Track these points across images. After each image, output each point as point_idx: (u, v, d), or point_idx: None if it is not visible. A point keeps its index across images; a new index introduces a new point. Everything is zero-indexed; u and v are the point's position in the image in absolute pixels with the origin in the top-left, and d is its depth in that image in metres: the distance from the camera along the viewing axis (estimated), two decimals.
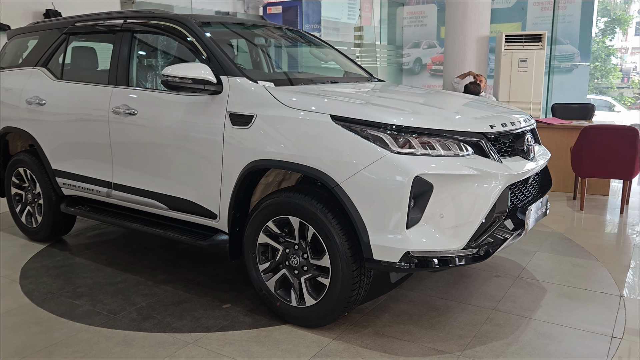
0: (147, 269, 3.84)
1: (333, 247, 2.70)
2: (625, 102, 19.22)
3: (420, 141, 2.59)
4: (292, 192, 2.85)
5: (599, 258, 4.04)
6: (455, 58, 8.04)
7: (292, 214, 2.84)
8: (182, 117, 3.24)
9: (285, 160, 2.79)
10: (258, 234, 3.00)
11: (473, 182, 2.61)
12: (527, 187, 3.09)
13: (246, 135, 2.94)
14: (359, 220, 2.59)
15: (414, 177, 2.49)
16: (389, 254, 2.56)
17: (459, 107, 3.21)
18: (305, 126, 2.75)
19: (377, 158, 2.55)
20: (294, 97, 2.90)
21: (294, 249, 2.91)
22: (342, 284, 2.72)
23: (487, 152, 2.69)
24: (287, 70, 4.19)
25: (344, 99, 2.91)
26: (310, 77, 3.59)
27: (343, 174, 2.61)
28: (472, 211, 2.61)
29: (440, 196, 2.56)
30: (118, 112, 3.56)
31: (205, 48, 3.24)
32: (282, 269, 2.98)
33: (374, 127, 2.60)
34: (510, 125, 2.89)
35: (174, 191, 3.36)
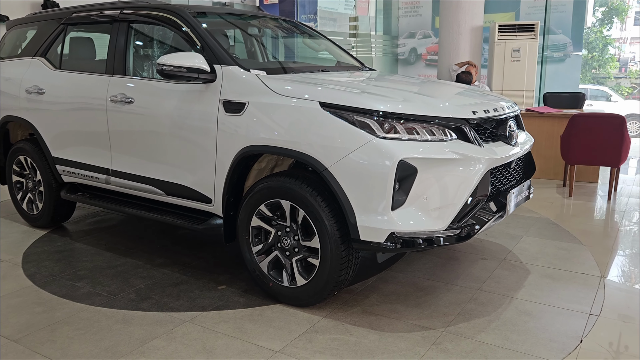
0: (145, 254, 3.97)
1: (322, 229, 2.82)
2: (622, 92, 19.31)
3: (405, 127, 2.71)
4: (283, 177, 2.97)
5: (583, 242, 4.17)
6: (450, 48, 8.13)
7: (283, 198, 2.96)
8: (177, 104, 3.34)
9: (277, 145, 2.90)
10: (251, 217, 3.12)
11: (456, 166, 2.72)
12: (510, 172, 3.21)
13: (239, 122, 3.05)
14: (347, 203, 2.71)
15: (398, 161, 2.60)
16: (375, 234, 2.68)
17: (445, 95, 3.32)
18: (296, 113, 2.86)
19: (363, 143, 2.66)
20: (285, 85, 3.00)
21: (286, 231, 3.03)
22: (331, 264, 2.84)
23: (469, 137, 2.81)
24: (281, 60, 4.30)
25: (333, 86, 3.02)
26: (302, 66, 3.70)
27: (331, 158, 2.72)
28: (455, 194, 2.73)
29: (424, 179, 2.68)
30: (116, 100, 3.66)
31: (200, 38, 3.34)
32: (274, 251, 3.10)
33: (361, 113, 2.71)
34: (492, 112, 3.00)
35: (170, 177, 3.47)
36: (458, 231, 2.77)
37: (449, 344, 2.65)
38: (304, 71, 3.57)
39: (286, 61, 4.27)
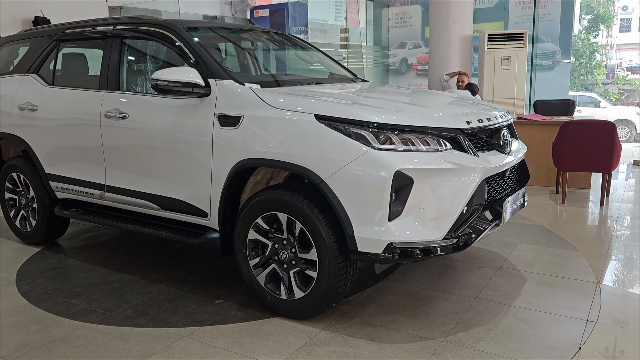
0: (140, 269, 3.94)
1: (319, 240, 2.82)
2: (611, 97, 19.53)
3: (400, 138, 2.72)
4: (279, 189, 2.97)
5: (578, 248, 4.19)
6: (440, 58, 8.20)
7: (280, 210, 2.96)
8: (172, 119, 3.35)
9: (273, 158, 2.91)
10: (248, 230, 3.11)
11: (451, 176, 2.74)
12: (505, 180, 3.24)
13: (234, 135, 3.05)
14: (344, 214, 2.72)
15: (394, 172, 2.62)
16: (373, 245, 2.69)
17: (439, 105, 3.35)
18: (291, 125, 2.88)
19: (359, 154, 2.67)
20: (279, 98, 3.02)
21: (283, 244, 3.03)
22: (329, 276, 2.84)
23: (464, 147, 2.83)
24: (274, 73, 4.32)
25: (328, 99, 3.04)
26: (296, 78, 3.72)
27: (327, 171, 2.73)
28: (451, 203, 2.74)
29: (420, 189, 2.69)
30: (109, 116, 3.66)
31: (193, 52, 3.35)
32: (271, 264, 3.10)
33: (356, 125, 2.73)
34: (486, 121, 3.03)
35: (165, 191, 3.46)
36: (455, 240, 2.78)
37: (448, 354, 2.65)
38: (297, 84, 3.59)
39: (279, 74, 4.30)
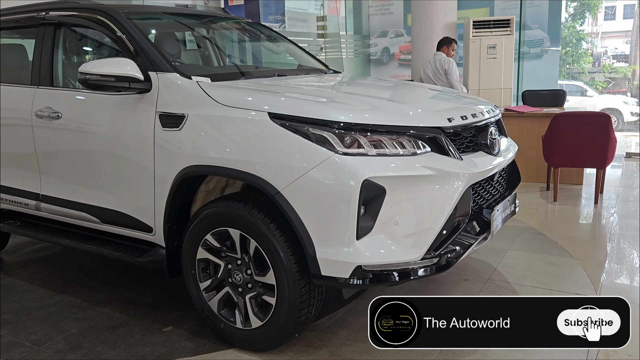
0: (84, 289, 3.48)
1: (277, 262, 2.39)
2: (597, 86, 19.28)
3: (369, 140, 2.29)
4: (230, 201, 2.53)
5: (573, 254, 3.80)
6: (423, 47, 7.77)
7: (231, 226, 2.52)
8: (109, 119, 2.88)
9: (220, 165, 2.47)
10: (197, 248, 2.67)
11: (431, 184, 2.32)
12: (493, 185, 2.82)
13: (177, 138, 2.60)
14: (304, 232, 2.29)
15: (362, 181, 2.19)
16: (339, 269, 2.26)
17: (417, 100, 2.92)
18: (241, 126, 2.43)
19: (320, 160, 2.24)
20: (229, 94, 2.57)
21: (237, 264, 2.60)
22: (290, 303, 2.41)
23: (445, 149, 2.41)
24: (237, 64, 3.86)
25: (285, 94, 2.60)
26: (256, 70, 3.26)
27: (283, 180, 2.30)
28: (431, 216, 2.32)
29: (394, 201, 2.27)
30: (42, 115, 3.18)
31: (133, 41, 2.87)
32: (225, 287, 2.67)
33: (318, 125, 2.29)
34: (471, 118, 2.60)
35: (105, 202, 3.00)
36: (436, 260, 2.36)
37: None
38: (258, 76, 3.14)
39: (239, 65, 3.83)
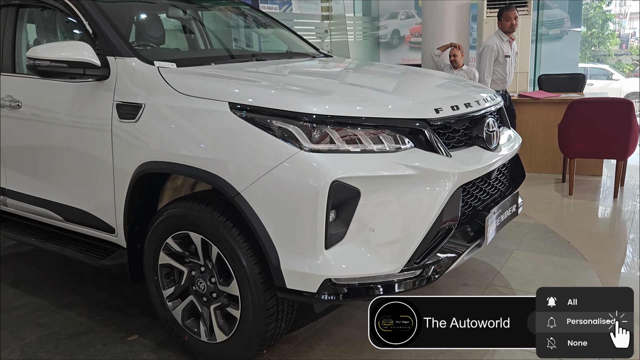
0: (55, 289, 3.27)
1: (240, 271, 2.13)
2: (624, 69, 18.51)
3: (342, 134, 1.99)
4: (190, 202, 2.26)
5: (586, 256, 3.46)
6: (434, 29, 7.33)
7: (192, 229, 2.26)
8: (68, 108, 2.64)
9: (176, 162, 2.20)
10: (158, 252, 2.42)
11: (413, 185, 2.01)
12: (491, 183, 2.50)
13: (134, 130, 2.34)
14: (266, 239, 2.01)
15: (332, 182, 1.90)
16: (306, 281, 1.98)
17: (406, 88, 2.60)
18: (198, 118, 2.16)
19: (283, 158, 1.95)
20: (189, 81, 2.29)
21: (200, 271, 2.34)
22: (254, 316, 2.15)
23: (431, 145, 2.09)
24: (215, 48, 3.57)
25: (252, 81, 2.31)
26: (230, 54, 2.97)
27: (243, 180, 2.02)
28: (413, 222, 2.02)
29: (369, 204, 1.97)
30: (4, 104, 2.94)
31: (92, 22, 2.60)
32: (189, 296, 2.41)
33: (281, 117, 2.00)
34: (464, 108, 2.28)
35: (66, 199, 2.77)
36: (419, 272, 2.07)
37: None
38: (233, 61, 2.85)
39: (216, 49, 3.53)
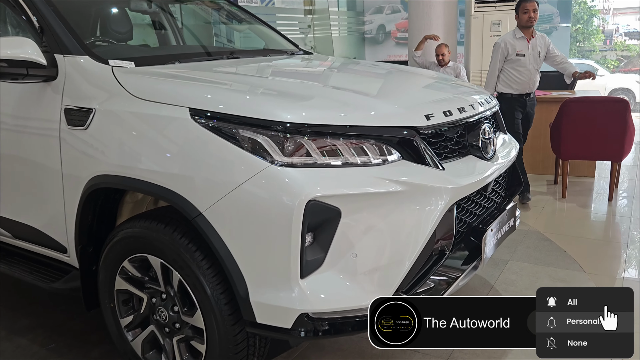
0: (10, 312, 2.96)
1: (204, 301, 1.86)
2: (609, 65, 18.44)
3: (319, 145, 1.73)
4: (149, 221, 1.99)
5: (585, 267, 3.25)
6: (421, 24, 7.09)
7: (150, 252, 1.98)
8: (13, 112, 2.34)
9: (129, 176, 1.92)
10: (114, 276, 2.14)
11: (401, 203, 1.76)
12: (487, 196, 2.25)
13: (84, 138, 2.05)
14: (232, 267, 1.74)
15: (307, 201, 1.64)
16: (278, 316, 1.73)
17: (392, 91, 2.34)
18: (154, 126, 1.88)
19: (252, 173, 1.69)
20: (144, 83, 2.01)
21: (162, 298, 2.06)
22: (221, 352, 1.88)
23: (421, 156, 1.84)
24: (184, 45, 3.28)
25: (216, 83, 2.03)
26: (199, 51, 2.69)
27: (205, 199, 1.75)
28: (401, 245, 1.77)
29: (352, 226, 1.72)
30: None
31: (38, 15, 2.30)
32: (150, 325, 2.14)
33: (249, 125, 1.73)
34: (457, 113, 2.02)
35: (14, 213, 2.48)
36: None
37: None
38: (202, 59, 2.57)
39: (184, 46, 3.24)
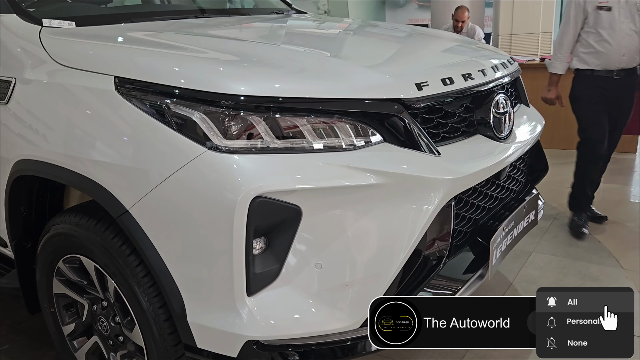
0: None
1: (141, 315, 1.51)
2: None
3: (273, 125, 1.34)
4: (79, 216, 1.64)
5: (622, 262, 2.79)
6: None
7: (82, 253, 1.65)
8: None
9: (49, 162, 1.57)
10: (51, 278, 1.82)
11: (381, 199, 1.36)
12: (500, 185, 1.82)
13: (5, 115, 1.71)
14: (166, 278, 1.39)
15: (253, 197, 1.26)
16: (222, 342, 1.37)
17: (376, 53, 1.89)
18: (77, 100, 1.52)
19: (184, 161, 1.31)
20: (71, 48, 1.64)
21: (102, 306, 1.73)
22: None
23: (410, 137, 1.42)
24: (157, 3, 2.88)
25: (158, 47, 1.64)
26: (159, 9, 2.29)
27: (132, 193, 1.38)
28: (380, 254, 1.38)
29: (315, 230, 1.34)
30: None
31: None
32: (94, 336, 1.82)
33: (182, 99, 1.34)
34: (461, 81, 1.58)
35: None
36: None
37: None
38: (163, 18, 2.17)
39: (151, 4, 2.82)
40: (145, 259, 1.40)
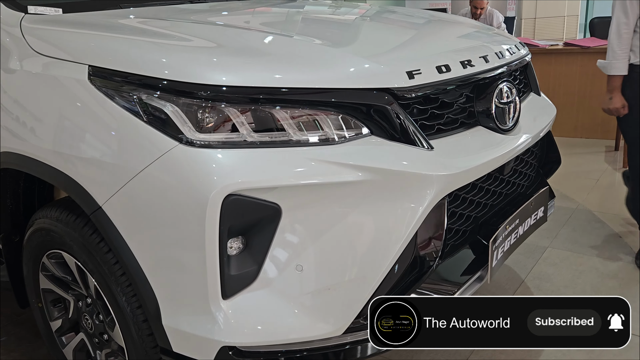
0: None
1: (119, 314, 1.46)
2: None
3: (250, 118, 1.25)
4: (61, 210, 1.58)
5: None
6: None
7: (63, 249, 1.59)
8: None
9: (24, 154, 1.51)
10: (37, 273, 1.78)
11: (367, 197, 1.26)
12: (504, 179, 1.70)
13: None
14: (140, 278, 1.32)
15: (226, 195, 1.17)
16: (196, 347, 1.30)
17: (373, 40, 1.77)
18: (52, 91, 1.45)
19: (155, 156, 1.23)
20: (49, 35, 1.57)
21: (87, 303, 1.68)
22: None
23: (400, 130, 1.31)
24: None
25: (138, 34, 1.55)
26: None
27: (105, 189, 1.31)
28: (365, 256, 1.28)
29: (296, 229, 1.25)
30: None
31: None
32: (80, 332, 1.78)
33: (153, 89, 1.26)
34: (459, 68, 1.46)
35: None
36: None
37: None
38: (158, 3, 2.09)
39: None
40: (118, 258, 1.34)
